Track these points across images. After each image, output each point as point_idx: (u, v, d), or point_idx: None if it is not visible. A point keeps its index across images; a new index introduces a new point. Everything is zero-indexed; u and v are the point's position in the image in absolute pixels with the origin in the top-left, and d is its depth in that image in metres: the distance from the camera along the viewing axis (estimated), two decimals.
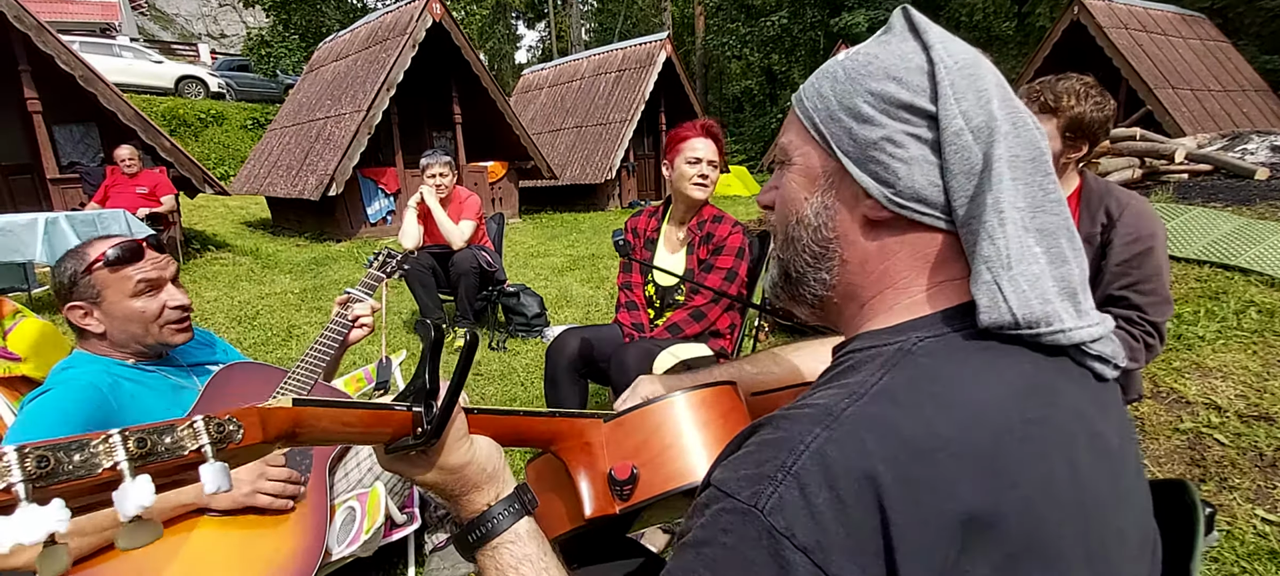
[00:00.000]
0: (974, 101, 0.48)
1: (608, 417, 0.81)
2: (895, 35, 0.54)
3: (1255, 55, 12.18)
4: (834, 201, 0.55)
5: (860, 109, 0.51)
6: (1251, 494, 1.80)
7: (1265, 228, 3.04)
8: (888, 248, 0.53)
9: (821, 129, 0.55)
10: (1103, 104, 1.61)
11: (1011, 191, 0.47)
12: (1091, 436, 0.48)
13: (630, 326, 2.18)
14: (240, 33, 30.92)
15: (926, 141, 0.49)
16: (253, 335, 4.20)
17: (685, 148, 2.06)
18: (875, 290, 0.55)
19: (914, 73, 0.50)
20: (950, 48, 0.51)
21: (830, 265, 0.56)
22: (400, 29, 8.09)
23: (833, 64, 0.56)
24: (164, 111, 14.68)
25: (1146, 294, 1.58)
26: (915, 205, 0.50)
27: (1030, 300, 0.46)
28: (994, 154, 0.47)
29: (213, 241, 7.90)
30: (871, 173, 0.51)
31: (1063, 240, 0.49)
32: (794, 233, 0.58)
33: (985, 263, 0.47)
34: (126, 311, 1.38)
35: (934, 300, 0.52)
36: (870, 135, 0.51)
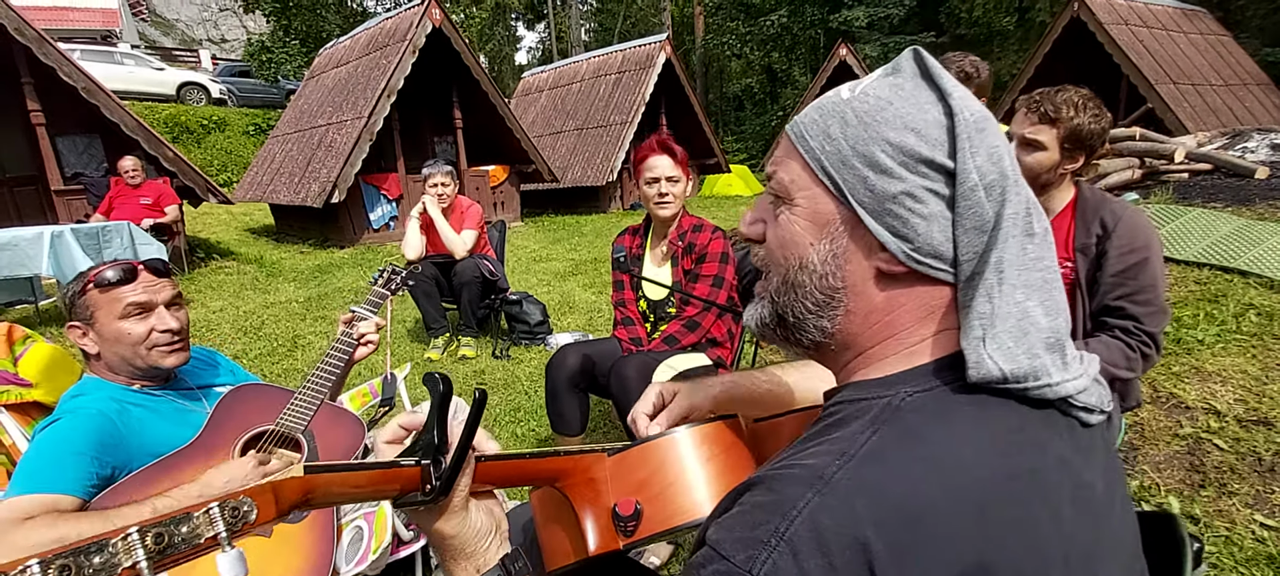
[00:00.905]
0: (986, 158, 0.48)
1: (611, 451, 0.82)
2: (907, 80, 0.52)
3: (1258, 48, 12.14)
4: (844, 250, 0.53)
5: (878, 159, 0.50)
6: (1250, 499, 1.81)
7: (1265, 229, 3.04)
8: (895, 300, 0.53)
9: (833, 175, 0.52)
10: (1100, 116, 1.62)
11: (1013, 247, 0.49)
12: (1077, 487, 0.49)
13: (628, 341, 2.20)
14: (241, 38, 31.00)
15: (944, 197, 0.49)
16: (258, 346, 4.23)
17: (644, 169, 2.08)
18: (875, 341, 0.54)
19: (933, 126, 0.49)
20: (966, 100, 0.50)
21: (834, 314, 0.55)
22: (400, 35, 8.12)
23: (840, 103, 0.54)
24: (166, 118, 14.72)
25: (1142, 304, 1.59)
26: (931, 261, 0.50)
27: (1017, 356, 0.47)
28: (1005, 212, 0.48)
29: (217, 249, 7.95)
30: (888, 226, 0.50)
31: (1053, 293, 0.51)
32: (796, 277, 0.56)
33: (979, 319, 0.48)
34: (115, 332, 1.40)
35: (928, 350, 0.52)
36: (890, 188, 0.50)
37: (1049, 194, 1.70)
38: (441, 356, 3.73)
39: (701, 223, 2.16)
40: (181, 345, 1.53)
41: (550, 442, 2.59)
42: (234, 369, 1.85)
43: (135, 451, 1.37)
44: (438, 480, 0.59)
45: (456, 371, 3.51)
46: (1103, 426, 0.55)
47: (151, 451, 1.37)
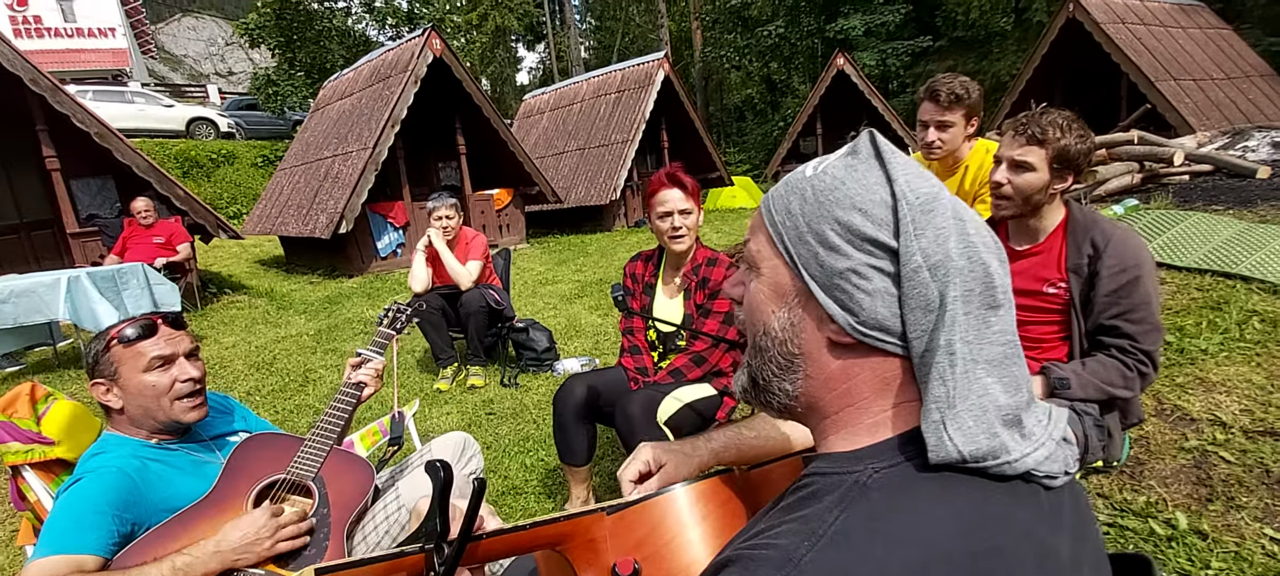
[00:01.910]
0: (932, 239, 0.50)
1: (610, 510, 0.85)
2: (861, 161, 0.55)
3: (1260, 38, 12.07)
4: (800, 319, 0.57)
5: (827, 236, 0.53)
6: (1259, 513, 1.80)
7: (1267, 232, 3.02)
8: (850, 369, 0.55)
9: (790, 248, 0.56)
10: (1085, 137, 1.65)
11: (964, 326, 0.49)
12: (1041, 555, 0.50)
13: (634, 370, 2.22)
14: (247, 70, 31.52)
15: (889, 274, 0.51)
16: (271, 381, 4.29)
17: (655, 203, 2.08)
18: (838, 407, 0.57)
19: (878, 206, 0.52)
20: (913, 182, 0.52)
21: (795, 377, 0.59)
22: (402, 66, 8.25)
23: (802, 180, 0.57)
24: (176, 154, 14.99)
25: (1137, 322, 1.60)
26: (877, 334, 0.52)
27: (977, 437, 0.49)
28: (949, 294, 0.49)
29: (229, 283, 8.06)
30: (836, 299, 0.53)
31: (1011, 368, 0.51)
32: (761, 342, 0.60)
33: (935, 402, 0.50)
34: (139, 386, 1.45)
35: (893, 423, 0.54)
36: (836, 265, 0.53)
37: (1040, 214, 1.72)
38: (450, 386, 3.77)
39: (716, 256, 2.16)
40: (201, 399, 1.58)
41: (559, 472, 2.61)
42: (247, 414, 1.90)
43: (154, 507, 1.41)
44: (442, 565, 0.62)
45: (465, 401, 3.55)
46: (1070, 485, 0.56)
47: (170, 506, 1.42)
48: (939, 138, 2.30)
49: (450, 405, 3.52)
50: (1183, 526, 1.80)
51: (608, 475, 2.57)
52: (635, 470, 0.99)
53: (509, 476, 2.69)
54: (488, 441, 3.04)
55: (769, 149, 19.03)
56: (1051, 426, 0.54)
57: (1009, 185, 1.67)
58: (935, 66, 18.24)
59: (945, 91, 2.23)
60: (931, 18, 19.54)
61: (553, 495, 2.49)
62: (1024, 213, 1.71)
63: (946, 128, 2.27)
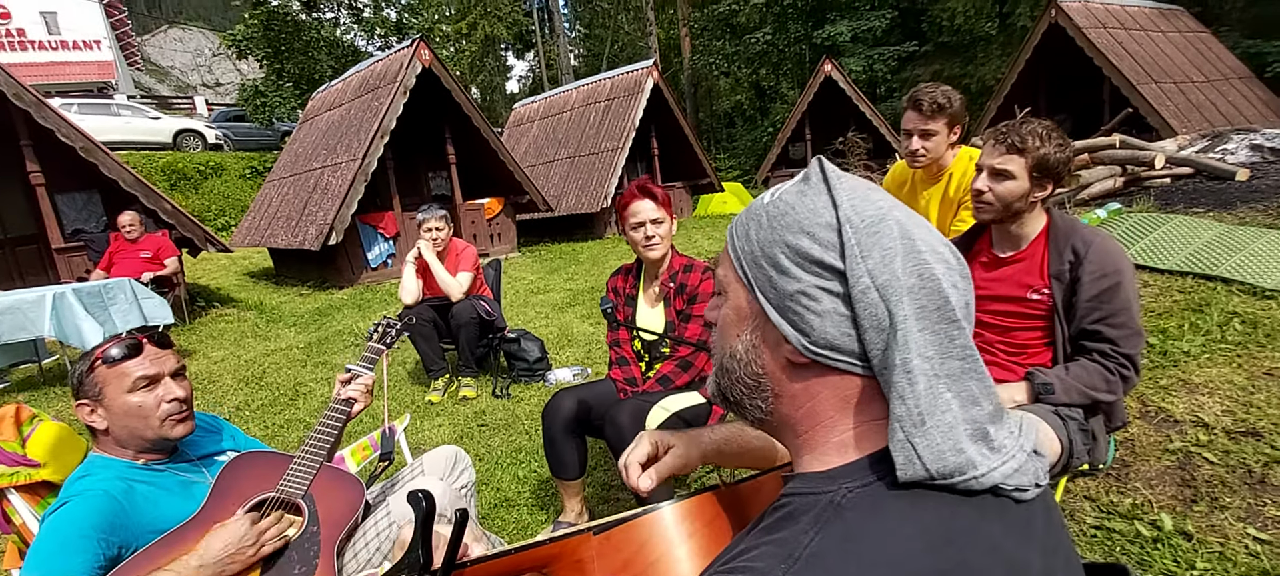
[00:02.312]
0: (878, 260, 0.51)
1: (597, 529, 0.86)
2: (811, 187, 0.57)
3: (1238, 41, 12.28)
4: (760, 342, 0.59)
5: (779, 260, 0.55)
6: (1243, 513, 1.83)
7: (1246, 233, 3.08)
8: (811, 388, 0.57)
9: (747, 273, 0.59)
10: (1064, 145, 1.68)
11: (920, 342, 0.50)
12: (1009, 568, 0.51)
13: (623, 381, 2.24)
14: (235, 81, 31.41)
15: (838, 295, 0.52)
16: (261, 396, 4.26)
17: (628, 215, 2.13)
18: (806, 426, 0.59)
19: (824, 229, 0.53)
20: (857, 204, 0.53)
21: (764, 396, 0.60)
22: (391, 77, 8.24)
23: (760, 207, 0.59)
24: (164, 166, 14.88)
25: (1118, 327, 1.63)
26: (830, 354, 0.54)
27: (944, 453, 0.49)
28: (898, 313, 0.50)
29: (218, 297, 8.00)
30: (790, 321, 0.55)
31: (971, 382, 0.52)
32: (728, 364, 0.63)
33: (898, 422, 0.50)
34: (125, 406, 1.44)
35: (861, 442, 0.55)
36: (788, 287, 0.54)
37: (1022, 221, 1.75)
38: (442, 398, 3.76)
39: (691, 262, 2.21)
40: (188, 414, 1.57)
41: (552, 483, 2.61)
42: (235, 433, 1.89)
43: (142, 529, 1.40)
44: None
45: (457, 413, 3.54)
46: (1043, 497, 0.56)
47: (157, 528, 1.41)
48: (923, 146, 2.32)
49: (442, 417, 3.51)
50: (1168, 527, 1.83)
51: (601, 486, 2.58)
52: (642, 452, 0.97)
53: (501, 489, 2.68)
54: (480, 453, 3.04)
55: (759, 154, 19.13)
56: (1022, 438, 0.54)
57: (990, 193, 1.70)
58: (921, 71, 18.43)
59: (928, 100, 2.26)
60: (917, 23, 19.75)
61: (546, 507, 2.49)
62: (1005, 219, 1.73)
63: (930, 136, 2.30)
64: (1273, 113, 10.02)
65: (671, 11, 25.79)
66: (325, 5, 17.59)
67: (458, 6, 28.88)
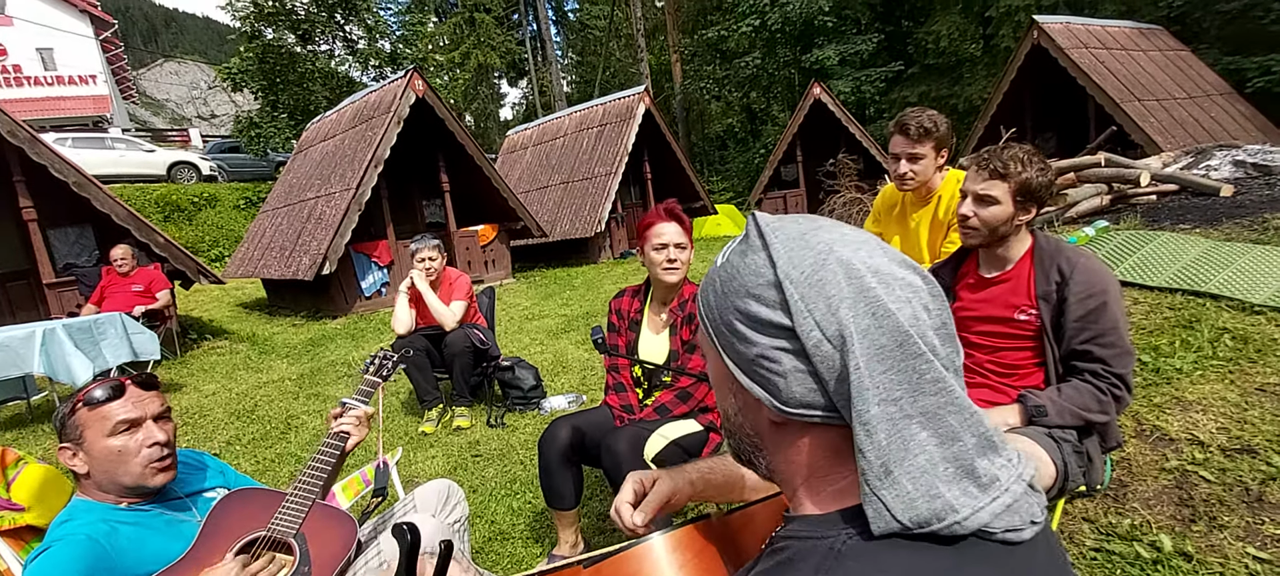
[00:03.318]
0: (824, 310, 0.49)
1: (587, 562, 0.85)
2: (750, 246, 0.55)
3: (1218, 58, 12.51)
4: (744, 404, 0.58)
5: (735, 326, 0.54)
6: (1241, 532, 1.82)
7: (1233, 249, 3.11)
8: (800, 444, 0.56)
9: (715, 339, 0.58)
10: (1045, 170, 1.70)
11: (882, 385, 0.48)
12: None
13: (619, 408, 2.22)
14: (230, 112, 31.64)
15: (795, 353, 0.51)
16: (252, 429, 4.21)
17: (651, 235, 2.12)
18: (804, 476, 0.57)
19: (767, 288, 0.52)
20: (794, 255, 0.52)
21: (763, 455, 0.60)
22: (385, 107, 8.31)
23: (714, 271, 0.59)
24: (158, 199, 14.89)
25: (1107, 347, 1.63)
26: (801, 411, 0.52)
27: (916, 502, 0.47)
28: (850, 361, 0.48)
29: (210, 329, 7.95)
30: (759, 383, 0.54)
31: (950, 416, 0.49)
32: (727, 426, 0.63)
33: (864, 476, 0.49)
34: (104, 450, 1.42)
35: (856, 491, 0.53)
36: (748, 352, 0.54)
37: (1006, 244, 1.77)
38: (435, 429, 3.73)
39: None
40: (170, 462, 1.54)
41: (547, 515, 2.57)
42: (224, 469, 1.86)
43: (128, 572, 1.37)
44: None
45: (451, 443, 3.51)
46: (1044, 533, 0.53)
47: (144, 569, 1.38)
48: (911, 169, 2.35)
49: (436, 448, 3.47)
50: (1168, 548, 1.81)
51: (597, 516, 2.55)
52: (630, 492, 0.98)
53: (495, 521, 2.65)
54: (474, 484, 3.00)
55: (752, 177, 19.29)
56: (1020, 468, 0.51)
57: (975, 218, 1.72)
58: (908, 92, 18.70)
59: (915, 125, 2.29)
60: (903, 45, 20.08)
61: (540, 539, 2.46)
62: (991, 243, 1.75)
63: (918, 159, 2.33)
64: (1255, 128, 10.18)
65: (662, 38, 26.17)
66: (320, 38, 17.77)
67: (451, 37, 29.25)
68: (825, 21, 17.84)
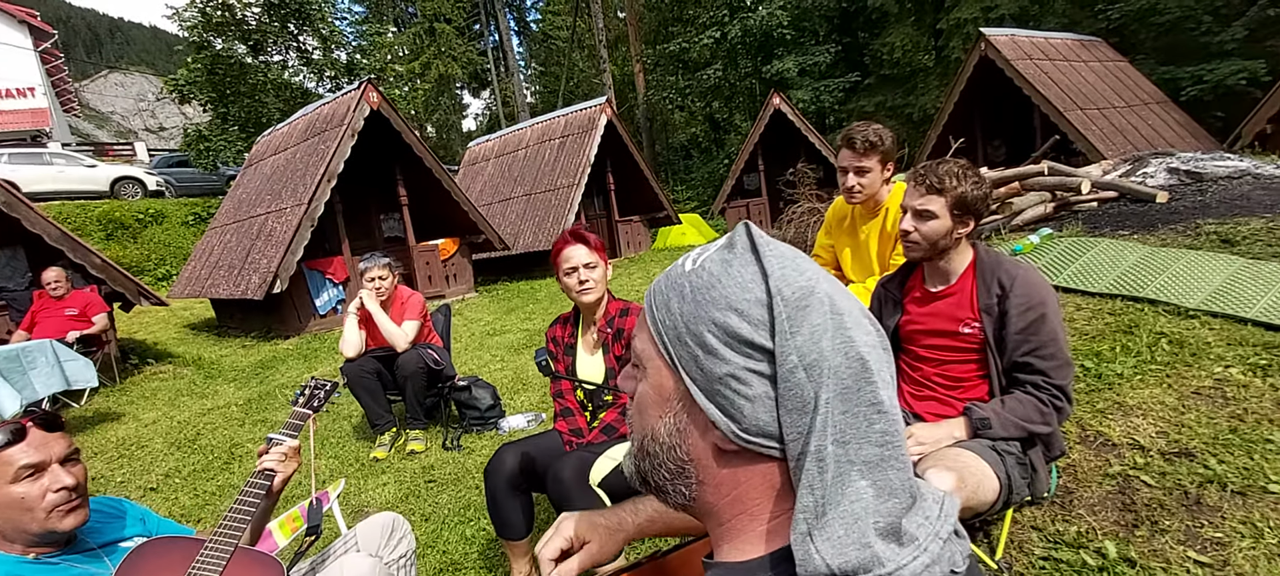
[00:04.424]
0: (807, 337, 0.47)
1: None
2: (737, 256, 0.52)
3: (1153, 68, 13.11)
4: (686, 425, 0.53)
5: (705, 339, 0.50)
6: (1182, 536, 1.86)
7: (1169, 255, 3.22)
8: (739, 475, 0.52)
9: (670, 350, 0.53)
10: (980, 183, 1.73)
11: (839, 426, 0.46)
12: None
13: (568, 433, 2.18)
14: (180, 124, 30.59)
15: (767, 377, 0.48)
16: (193, 460, 4.01)
17: (561, 261, 2.13)
18: (731, 514, 0.54)
19: (754, 305, 0.49)
20: (788, 275, 0.49)
21: (688, 482, 0.55)
22: (338, 120, 8.11)
23: (681, 276, 0.54)
24: (99, 216, 14.25)
25: (1047, 358, 1.66)
26: (759, 441, 0.49)
27: (846, 548, 0.45)
28: (821, 396, 0.46)
29: (153, 352, 7.60)
30: (718, 405, 0.50)
31: (892, 471, 0.48)
32: (649, 447, 0.57)
33: (803, 512, 0.46)
34: (7, 498, 1.32)
35: (785, 531, 0.51)
36: (716, 370, 0.49)
37: (949, 257, 1.79)
38: (388, 454, 3.60)
39: (628, 306, 2.20)
40: (79, 503, 1.44)
41: (501, 544, 2.50)
42: (145, 515, 1.75)
43: None
44: None
45: (404, 469, 3.39)
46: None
47: None
48: (858, 182, 2.37)
49: (387, 475, 3.35)
50: (1113, 555, 1.83)
51: None
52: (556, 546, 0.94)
53: (448, 551, 2.56)
54: (427, 512, 2.90)
55: (716, 185, 19.45)
56: (939, 523, 0.50)
57: (916, 232, 1.74)
58: (866, 102, 19.16)
59: (860, 139, 2.31)
60: (860, 57, 20.60)
61: (494, 569, 2.38)
62: (933, 256, 1.77)
63: (864, 173, 2.35)
64: (1189, 135, 10.69)
65: (625, 49, 26.28)
66: (273, 48, 17.30)
67: (411, 47, 28.86)
68: (784, 33, 18.16)
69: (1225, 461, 2.02)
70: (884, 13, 18.73)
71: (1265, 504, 1.85)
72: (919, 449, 1.67)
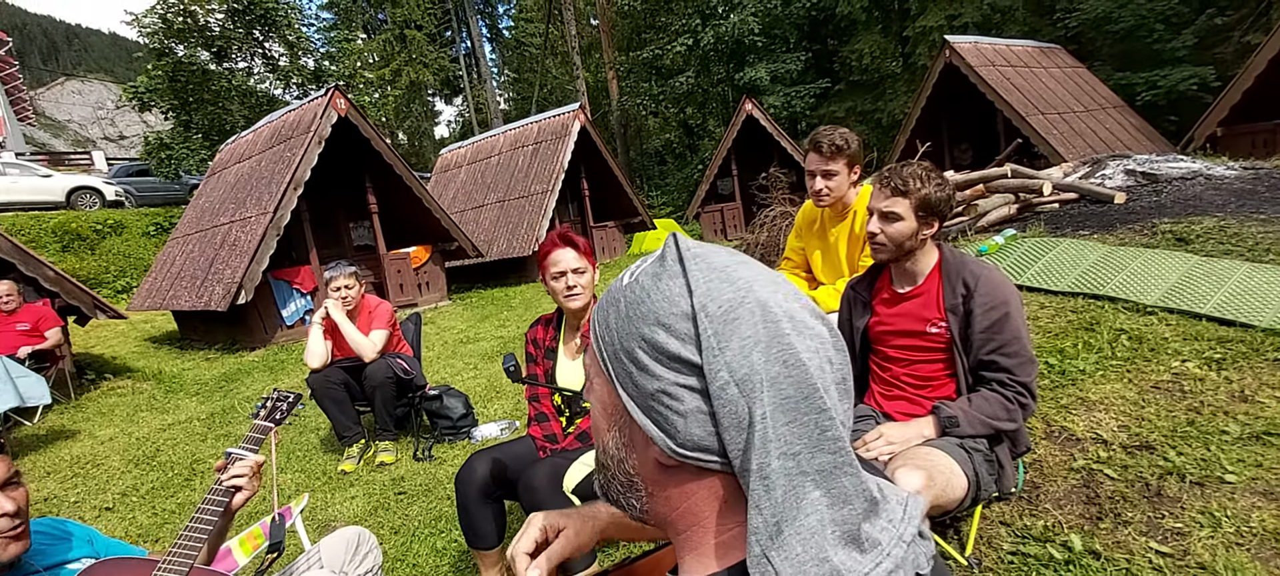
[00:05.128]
0: (737, 351, 0.46)
1: None
2: (666, 270, 0.51)
3: (1110, 74, 13.56)
4: (629, 440, 0.53)
5: (637, 355, 0.49)
6: (1144, 527, 1.90)
7: (1127, 254, 3.31)
8: (687, 490, 0.51)
9: (609, 365, 0.52)
10: (943, 185, 1.75)
11: (784, 438, 0.45)
12: None
13: (542, 438, 2.15)
14: (140, 132, 29.76)
15: (699, 392, 0.47)
16: (151, 477, 3.87)
17: (548, 264, 2.07)
18: (684, 527, 0.53)
19: (680, 319, 0.48)
20: (713, 288, 0.48)
21: (639, 496, 0.55)
22: (304, 127, 7.95)
23: (619, 290, 0.53)
24: (55, 227, 13.75)
25: (1011, 356, 1.68)
26: (697, 455, 0.48)
27: (805, 566, 0.44)
28: (756, 412, 0.45)
29: (111, 367, 7.33)
30: (654, 420, 0.49)
31: (845, 478, 0.47)
32: (603, 459, 0.57)
33: (754, 534, 0.45)
34: None
35: (738, 545, 0.50)
36: (648, 386, 0.49)
37: (914, 258, 1.81)
38: (357, 466, 3.52)
39: None
40: (20, 531, 1.37)
41: (471, 556, 2.45)
42: (92, 537, 1.67)
43: None
44: None
45: (373, 481, 3.31)
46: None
47: None
48: (826, 186, 2.39)
49: (356, 488, 3.27)
50: (1078, 548, 1.87)
51: None
52: (530, 540, 0.91)
53: (418, 565, 2.50)
54: (396, 525, 2.84)
55: (690, 191, 19.55)
56: (903, 526, 0.49)
57: (882, 234, 1.76)
58: (836, 107, 19.46)
59: (827, 143, 2.33)
60: (830, 64, 20.93)
61: None
62: (899, 257, 1.79)
63: (832, 176, 2.37)
64: (1145, 138, 11.07)
65: (598, 55, 26.30)
66: (237, 55, 16.91)
67: (381, 53, 28.49)
68: (756, 41, 18.35)
69: (1184, 453, 2.07)
70: (852, 21, 19.06)
71: (1222, 493, 1.90)
72: (889, 448, 1.68)
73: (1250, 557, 1.68)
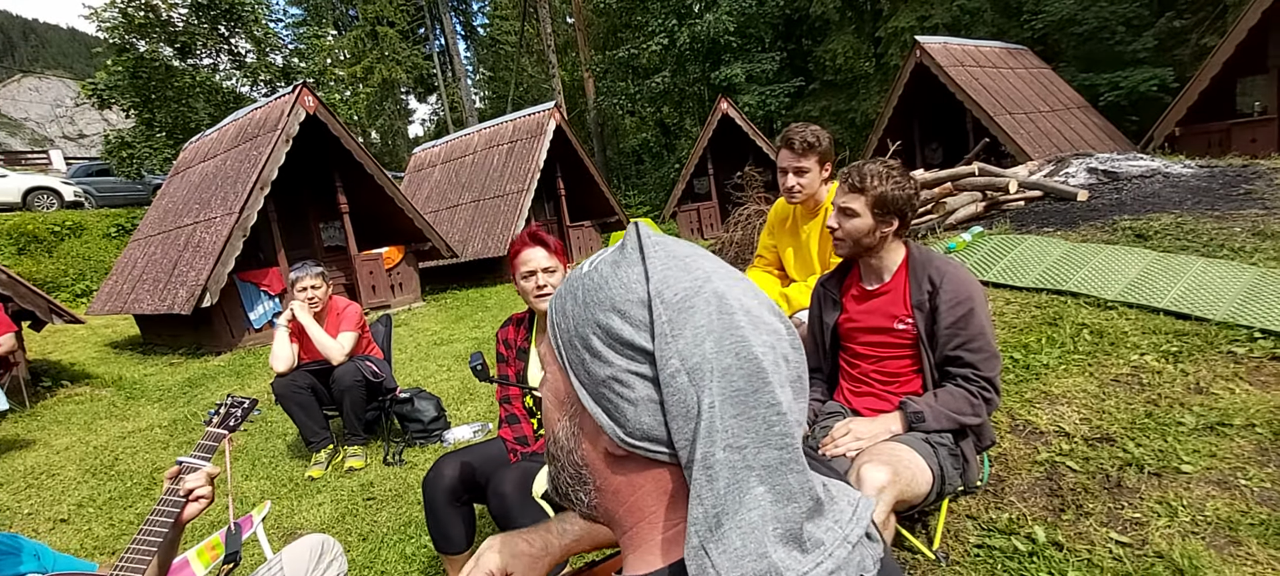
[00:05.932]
0: (690, 340, 0.45)
1: None
2: (626, 257, 0.51)
3: (1074, 75, 13.91)
4: (579, 430, 0.53)
5: (590, 342, 0.49)
6: (1104, 518, 1.94)
7: (1088, 250, 3.39)
8: (633, 481, 0.51)
9: (563, 353, 0.52)
10: (904, 184, 1.75)
11: (731, 430, 0.45)
12: None
13: (514, 441, 2.12)
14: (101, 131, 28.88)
15: (650, 380, 0.47)
16: (109, 487, 3.74)
17: (518, 264, 2.04)
18: (630, 522, 0.53)
19: (635, 306, 0.48)
20: (670, 276, 0.48)
21: (587, 489, 0.54)
22: (271, 125, 7.77)
23: (577, 278, 0.53)
24: (10, 229, 13.27)
25: (976, 351, 1.70)
26: (646, 445, 0.48)
27: (743, 560, 0.44)
28: (704, 401, 0.44)
29: (68, 373, 7.08)
30: (605, 409, 0.49)
31: (791, 475, 0.46)
32: (552, 449, 0.56)
33: (694, 526, 0.45)
34: None
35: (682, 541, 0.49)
36: (600, 372, 0.48)
37: (880, 255, 1.82)
38: (325, 472, 3.44)
39: None
40: None
41: (440, 562, 2.41)
42: (40, 552, 1.60)
43: None
44: None
45: (341, 487, 3.25)
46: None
47: None
48: (798, 182, 2.40)
49: (324, 494, 3.20)
50: (1042, 540, 1.90)
51: None
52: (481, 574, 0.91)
53: (387, 571, 2.45)
54: (364, 531, 2.78)
55: (667, 189, 19.59)
56: (849, 527, 0.49)
57: (840, 229, 1.77)
58: (811, 106, 19.66)
59: (799, 140, 2.34)
60: (804, 63, 21.15)
61: None
62: (858, 253, 1.80)
63: (803, 173, 2.38)
64: (1107, 137, 11.38)
65: (574, 54, 26.19)
66: (202, 51, 16.46)
67: (352, 51, 28.01)
68: (731, 40, 18.45)
69: (1142, 444, 2.12)
70: (826, 21, 19.27)
71: (1179, 484, 1.94)
72: (856, 444, 1.69)
73: (1205, 546, 1.72)
